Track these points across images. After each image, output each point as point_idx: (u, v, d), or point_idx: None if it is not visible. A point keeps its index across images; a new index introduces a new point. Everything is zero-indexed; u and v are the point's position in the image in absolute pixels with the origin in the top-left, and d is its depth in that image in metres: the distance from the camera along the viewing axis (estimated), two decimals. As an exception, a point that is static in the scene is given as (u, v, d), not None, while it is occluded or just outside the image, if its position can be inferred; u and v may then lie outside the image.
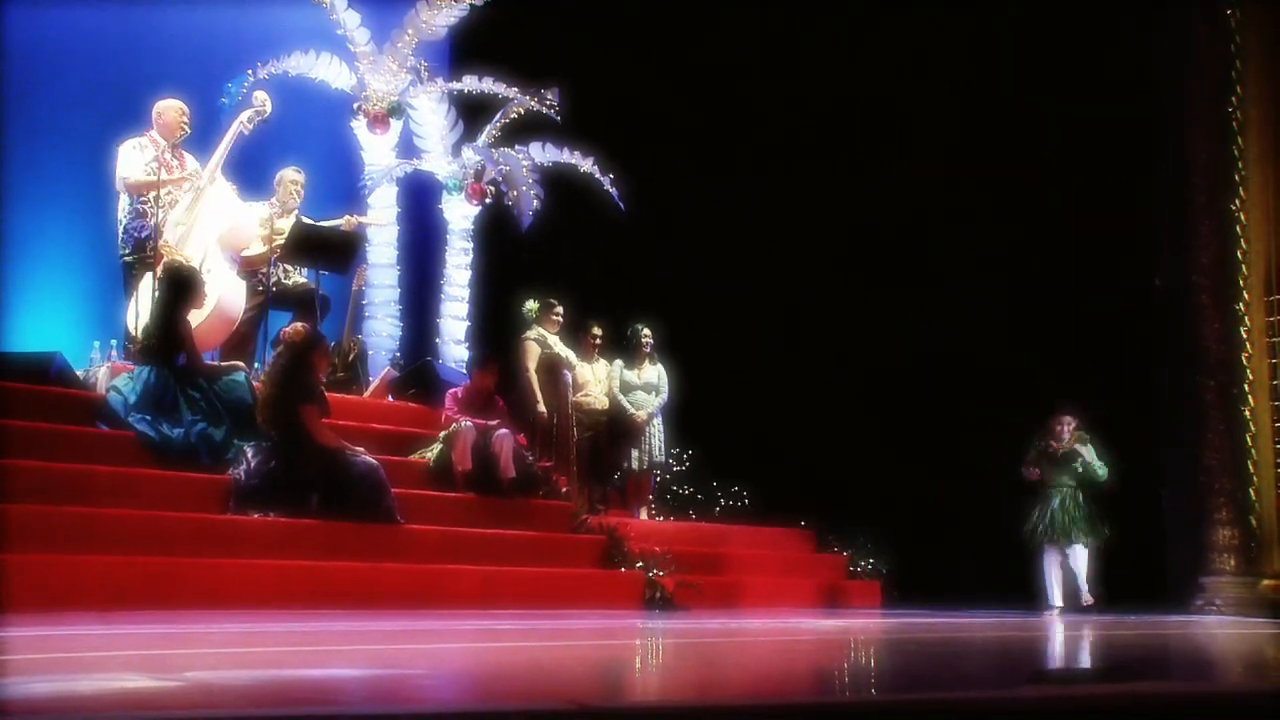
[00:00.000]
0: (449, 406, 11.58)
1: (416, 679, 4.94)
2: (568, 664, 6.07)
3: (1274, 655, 7.90)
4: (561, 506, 11.89)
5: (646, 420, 13.90)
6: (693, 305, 15.87)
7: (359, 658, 6.05)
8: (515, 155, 15.67)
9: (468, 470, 11.21)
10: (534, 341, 13.21)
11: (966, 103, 14.95)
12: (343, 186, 14.99)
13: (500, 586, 10.27)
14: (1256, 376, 13.33)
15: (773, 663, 6.59)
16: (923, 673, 5.71)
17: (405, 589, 9.69)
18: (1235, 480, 13.24)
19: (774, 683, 5.33)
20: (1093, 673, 3.52)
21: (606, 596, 11.05)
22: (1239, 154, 13.63)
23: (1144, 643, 8.69)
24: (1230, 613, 12.85)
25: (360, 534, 9.85)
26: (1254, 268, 13.45)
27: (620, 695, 4.47)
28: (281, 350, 10.13)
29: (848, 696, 3.91)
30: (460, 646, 6.96)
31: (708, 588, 12.25)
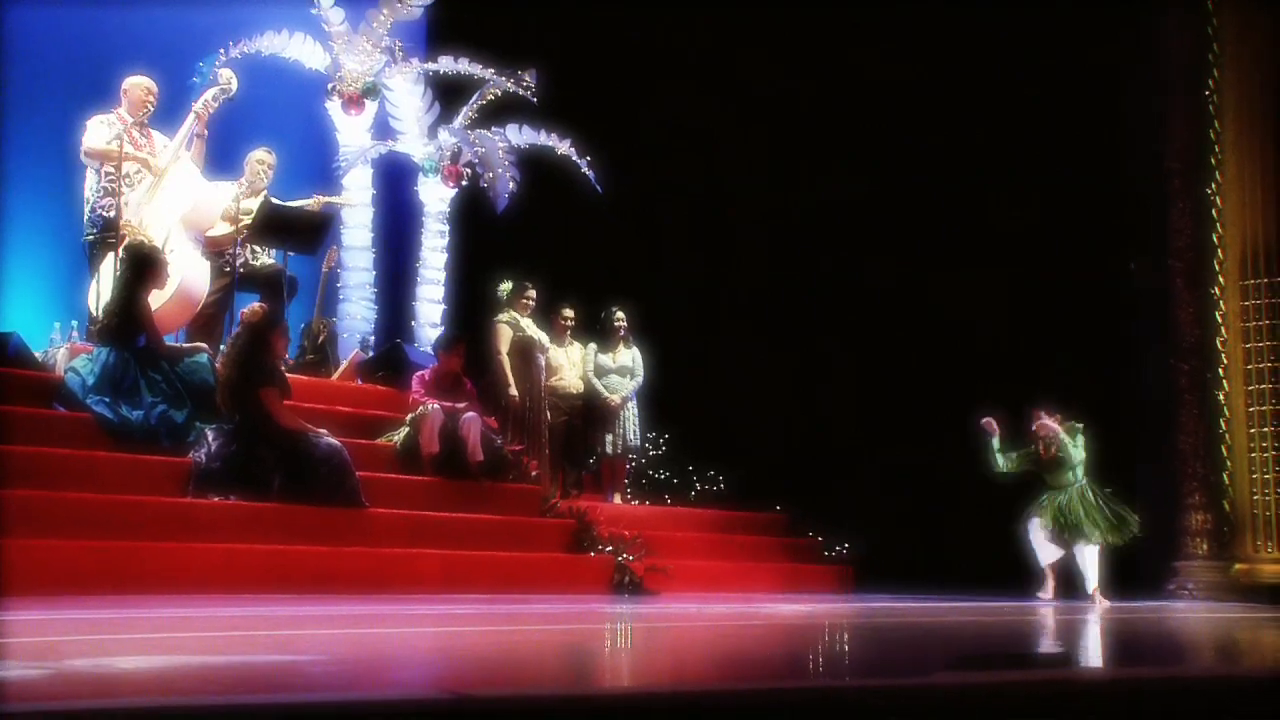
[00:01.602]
0: (416, 389, 11.43)
1: (306, 666, 4.80)
2: (502, 649, 5.94)
3: (1223, 641, 7.80)
4: (530, 490, 11.73)
5: (621, 404, 13.77)
6: (669, 288, 15.77)
7: (271, 644, 5.91)
8: (491, 137, 15.54)
9: (435, 453, 11.07)
10: (506, 324, 13.07)
11: (938, 86, 14.79)
12: (317, 168, 14.82)
13: (465, 571, 10.13)
14: (1231, 361, 13.23)
15: (708, 648, 6.47)
16: (851, 659, 5.62)
17: (368, 573, 9.55)
18: (1208, 465, 13.15)
19: (693, 669, 5.21)
20: (1015, 658, 3.36)
21: (574, 581, 10.92)
22: (1216, 138, 13.52)
23: (1088, 629, 8.61)
24: (1203, 597, 12.77)
25: (323, 518, 9.69)
26: (1230, 252, 13.34)
27: (534, 682, 4.36)
28: (239, 332, 9.95)
29: (743, 685, 3.77)
30: (396, 632, 6.83)
31: (679, 572, 12.11)
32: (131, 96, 11.40)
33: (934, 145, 14.74)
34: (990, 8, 13.87)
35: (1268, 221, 13.20)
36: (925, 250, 14.84)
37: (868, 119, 15.30)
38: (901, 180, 14.96)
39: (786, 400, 15.58)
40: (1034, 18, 13.78)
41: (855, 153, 15.28)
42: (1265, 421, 12.98)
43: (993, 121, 14.40)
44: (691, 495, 14.90)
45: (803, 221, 15.71)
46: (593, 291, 14.30)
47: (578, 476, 13.95)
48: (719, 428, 15.16)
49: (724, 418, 15.36)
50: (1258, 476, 12.96)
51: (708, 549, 13.26)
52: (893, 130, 15.09)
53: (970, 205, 14.52)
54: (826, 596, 12.41)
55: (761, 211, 15.93)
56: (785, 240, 15.90)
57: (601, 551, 11.25)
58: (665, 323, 15.00)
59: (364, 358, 12.88)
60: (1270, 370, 12.98)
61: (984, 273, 14.34)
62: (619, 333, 13.94)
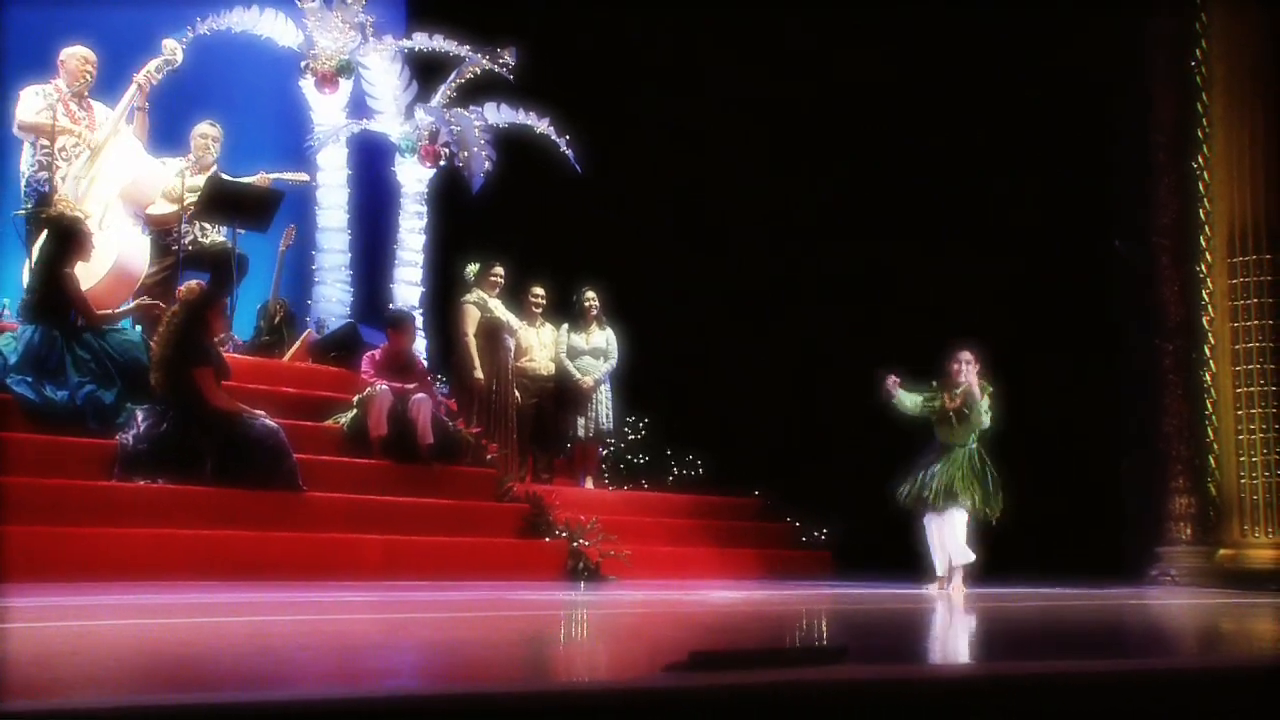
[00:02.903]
0: (365, 369, 11.00)
1: (207, 658, 4.42)
2: (398, 637, 5.55)
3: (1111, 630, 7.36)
4: (485, 474, 11.27)
5: (593, 387, 13.37)
6: (651, 269, 15.38)
7: (181, 633, 5.55)
8: (468, 116, 15.19)
9: (383, 435, 10.65)
10: (473, 305, 12.73)
11: (919, 61, 14.34)
12: (293, 146, 14.49)
13: (407, 557, 9.72)
14: (1219, 341, 12.77)
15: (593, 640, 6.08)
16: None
17: (303, 559, 9.14)
18: (1192, 447, 12.68)
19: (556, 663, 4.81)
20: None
21: (527, 567, 10.51)
22: (1203, 111, 13.05)
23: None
24: (1185, 583, 12.33)
25: (257, 501, 9.26)
26: (1218, 229, 12.87)
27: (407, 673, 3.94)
28: (175, 309, 9.54)
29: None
30: (295, 619, 6.43)
31: (645, 558, 11.76)
32: (69, 67, 10.96)
33: (914, 121, 14.28)
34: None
35: (1257, 197, 12.70)
36: (905, 231, 14.40)
37: (849, 97, 14.84)
38: (882, 159, 14.51)
39: (767, 384, 15.15)
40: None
41: (836, 132, 14.81)
42: (1254, 403, 12.50)
43: (973, 95, 13.93)
44: (669, 480, 14.56)
45: (783, 202, 15.25)
46: (572, 272, 13.90)
47: (549, 461, 13.56)
48: (698, 412, 14.76)
49: (703, 402, 14.95)
50: (1245, 459, 12.48)
51: (680, 535, 12.89)
52: (873, 108, 14.63)
53: (950, 183, 14.05)
54: (793, 582, 11.98)
55: (742, 192, 15.47)
56: (765, 222, 15.44)
57: (557, 537, 10.86)
58: (646, 304, 14.63)
59: (316, 338, 12.49)
60: (1259, 350, 12.52)
61: (964, 253, 13.88)
62: (592, 313, 13.54)
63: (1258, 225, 12.66)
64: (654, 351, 14.24)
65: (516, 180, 15.23)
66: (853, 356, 14.75)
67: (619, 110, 15.67)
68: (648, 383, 14.26)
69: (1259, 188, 12.73)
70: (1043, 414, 12.55)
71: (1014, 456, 11.37)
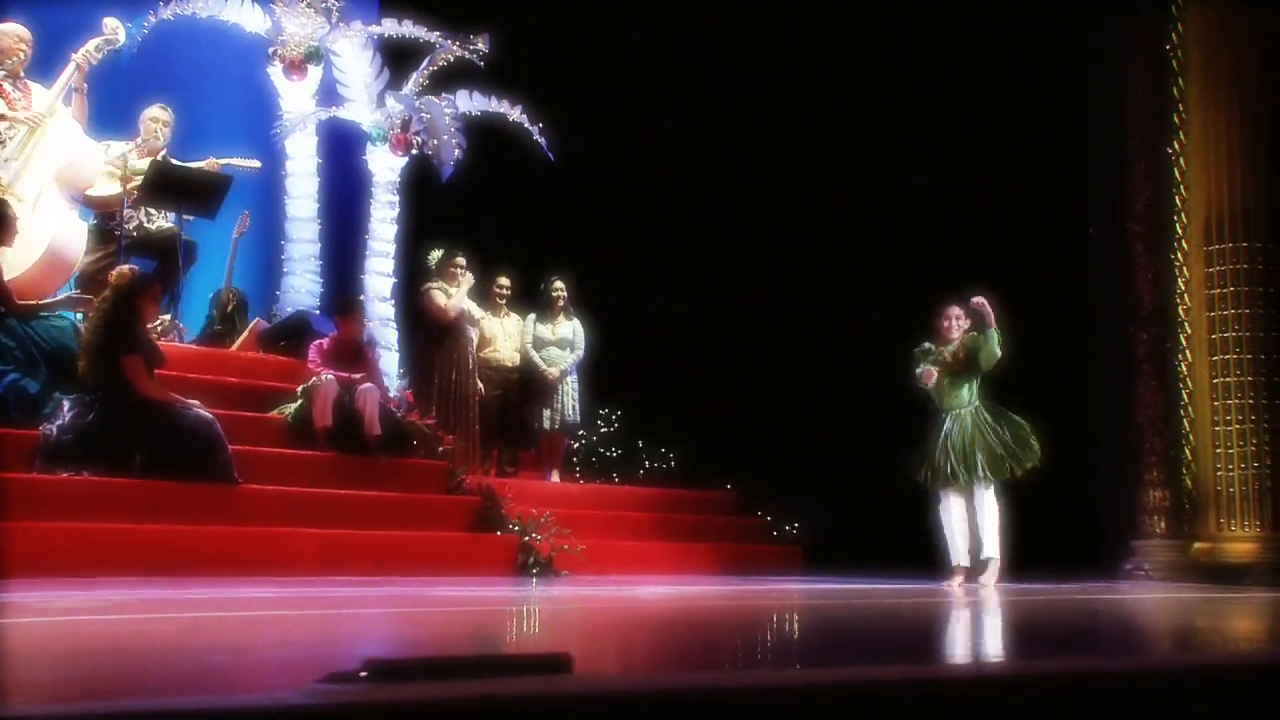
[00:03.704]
0: (313, 358, 10.60)
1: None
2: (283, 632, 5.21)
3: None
4: (436, 466, 10.88)
5: (559, 377, 13.05)
6: (623, 259, 15.04)
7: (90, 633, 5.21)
8: (438, 103, 14.88)
9: (328, 426, 10.25)
10: (436, 290, 12.45)
11: (887, 46, 13.97)
12: (260, 134, 14.21)
13: (347, 551, 9.36)
14: (1195, 330, 12.38)
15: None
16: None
17: (236, 553, 8.77)
18: (1166, 439, 12.29)
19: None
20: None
21: (476, 562, 10.13)
22: (1179, 96, 12.67)
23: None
24: (1159, 577, 11.97)
25: (189, 494, 8.87)
26: (1194, 216, 12.48)
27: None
28: (106, 295, 9.17)
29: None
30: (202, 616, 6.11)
31: (606, 553, 11.45)
32: (2, 45, 10.60)
33: (886, 109, 13.92)
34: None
35: (1234, 184, 12.30)
36: (877, 220, 14.04)
37: (821, 87, 14.48)
38: (855, 147, 14.15)
39: (741, 376, 14.78)
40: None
41: (809, 122, 14.45)
42: (1230, 393, 12.12)
43: (946, 80, 13.56)
44: (640, 473, 14.24)
45: (757, 191, 14.88)
46: (545, 262, 13.59)
47: (513, 453, 13.24)
48: (671, 404, 14.40)
49: (676, 394, 14.59)
50: (1222, 450, 12.10)
51: (644, 529, 12.54)
52: (845, 96, 14.26)
53: (921, 171, 13.71)
54: (755, 578, 11.60)
55: (716, 182, 15.10)
56: (740, 212, 15.08)
57: (509, 531, 10.52)
58: (620, 295, 14.33)
59: (266, 327, 12.14)
60: (1235, 339, 12.15)
61: (936, 242, 13.51)
62: (559, 304, 13.22)
63: (1235, 213, 12.27)
64: (627, 343, 13.93)
65: (491, 169, 14.93)
66: (829, 348, 14.45)
67: (592, 99, 15.32)
68: (620, 375, 13.93)
69: (1236, 175, 12.33)
70: (1013, 404, 12.15)
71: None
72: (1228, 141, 12.39)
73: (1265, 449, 11.97)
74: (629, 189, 15.33)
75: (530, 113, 14.73)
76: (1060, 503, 12.55)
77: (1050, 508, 12.56)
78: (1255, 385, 12.06)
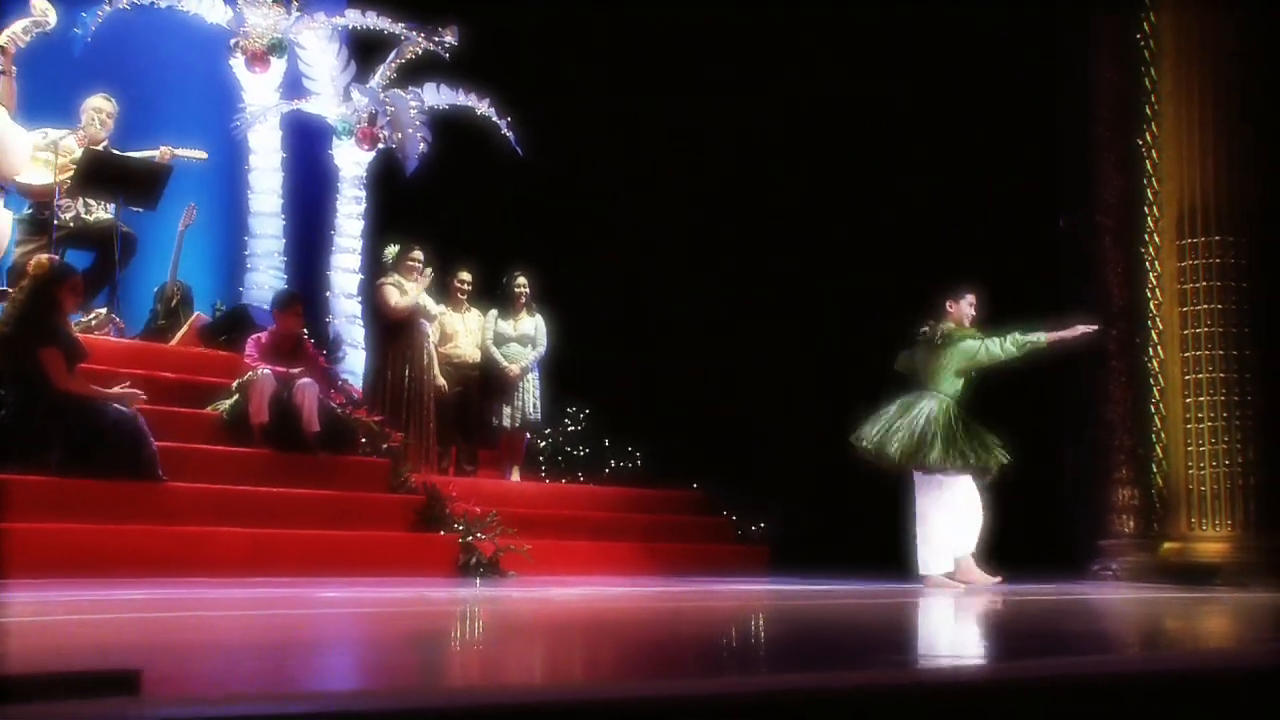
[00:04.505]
0: (249, 353, 10.14)
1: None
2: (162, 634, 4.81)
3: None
4: (378, 464, 10.43)
5: (520, 374, 12.67)
6: (592, 255, 14.67)
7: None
8: (404, 96, 14.53)
9: (264, 423, 9.82)
10: (392, 286, 12.09)
11: (863, 26, 13.55)
12: (224, 128, 13.86)
13: (277, 551, 8.93)
14: (1167, 326, 11.95)
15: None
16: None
17: (158, 554, 8.33)
18: (1136, 436, 11.85)
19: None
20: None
21: (417, 562, 9.71)
22: (1151, 86, 12.25)
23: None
24: (1128, 578, 11.55)
25: (110, 492, 8.44)
26: (1167, 209, 12.04)
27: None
28: (23, 285, 8.78)
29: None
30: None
31: (561, 553, 11.09)
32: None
33: (853, 96, 13.52)
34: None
35: (1208, 177, 11.88)
36: (845, 215, 13.65)
37: (789, 77, 14.11)
38: (816, 144, 13.77)
39: (709, 375, 14.37)
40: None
41: (776, 115, 14.08)
42: (1203, 390, 11.69)
43: (913, 65, 13.17)
44: (606, 472, 13.86)
45: (726, 189, 14.50)
46: (511, 257, 13.20)
47: (473, 451, 12.85)
48: (638, 403, 14.02)
49: (644, 393, 14.20)
50: (1194, 449, 11.67)
51: (604, 529, 12.16)
52: (810, 85, 13.89)
53: (887, 164, 13.31)
54: (714, 579, 11.17)
55: (686, 177, 14.70)
56: (708, 209, 14.67)
57: (453, 530, 10.13)
58: (586, 291, 13.97)
59: (206, 321, 11.75)
60: (1208, 335, 11.73)
61: (902, 234, 13.13)
62: (521, 299, 12.84)
63: (1208, 206, 11.82)
64: (593, 341, 13.55)
65: (459, 163, 14.58)
66: (799, 347, 14.07)
67: (559, 93, 14.97)
68: (587, 373, 13.56)
69: (1210, 167, 11.89)
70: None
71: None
72: (1201, 133, 11.95)
73: (1238, 447, 11.55)
74: (597, 184, 14.96)
75: (498, 106, 14.42)
76: (1027, 503, 12.13)
77: (1016, 508, 12.15)
78: (1228, 382, 11.63)
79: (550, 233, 14.76)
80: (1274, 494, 11.48)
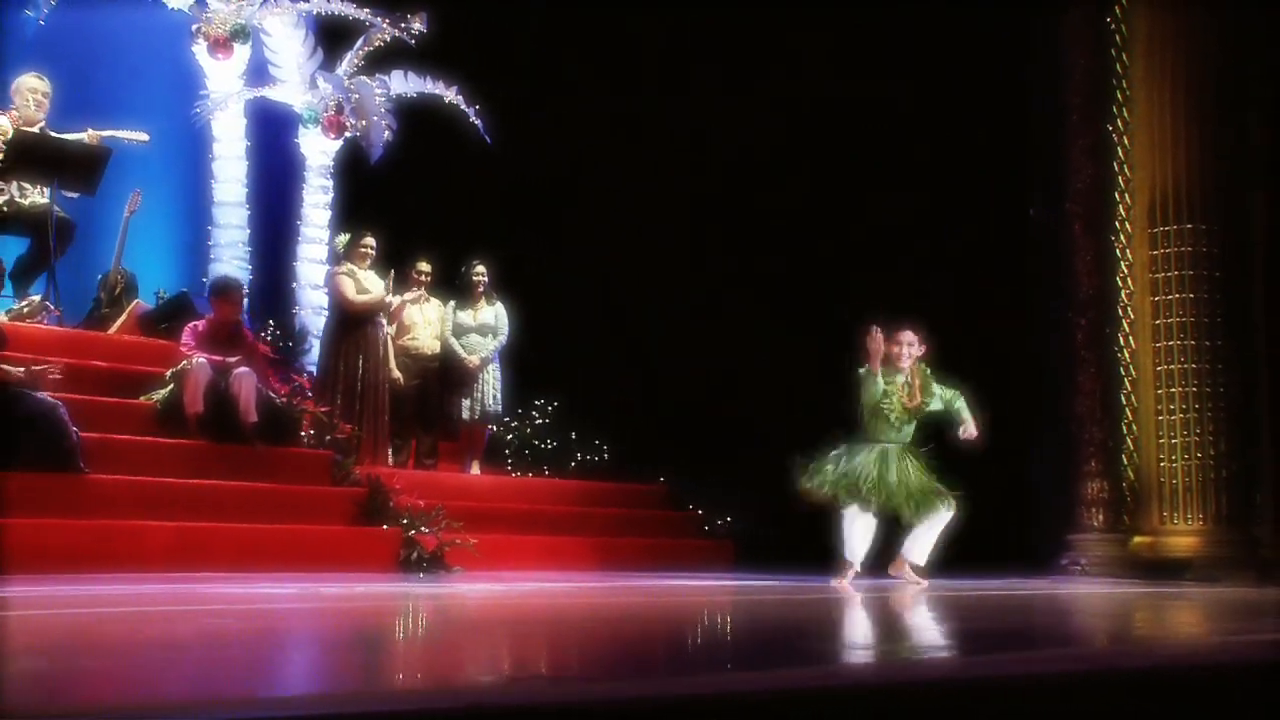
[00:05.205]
0: (185, 341, 9.67)
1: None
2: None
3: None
4: (320, 456, 9.96)
5: (480, 365, 12.26)
6: (562, 247, 14.28)
7: None
8: (369, 84, 14.17)
9: (199, 413, 9.40)
10: (344, 275, 11.70)
11: (833, 11, 13.16)
12: (185, 115, 13.52)
13: (205, 545, 8.50)
14: (1139, 316, 11.56)
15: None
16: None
17: (78, 548, 7.93)
18: (1105, 429, 11.45)
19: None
20: None
21: (355, 557, 9.26)
22: (1123, 72, 11.84)
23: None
24: (1097, 573, 11.16)
25: (27, 484, 7.99)
26: (1138, 197, 11.65)
27: None
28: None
29: None
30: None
31: (513, 548, 10.68)
32: None
33: (822, 83, 13.14)
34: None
35: (1179, 164, 11.50)
36: (811, 213, 13.25)
37: (758, 66, 13.74)
38: (781, 139, 13.37)
39: (678, 369, 13.96)
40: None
41: (745, 104, 13.66)
42: (1175, 381, 11.32)
43: (883, 49, 12.77)
44: (572, 466, 13.47)
45: (697, 177, 14.08)
46: (476, 247, 12.80)
47: (432, 444, 12.45)
48: (606, 396, 13.62)
49: (612, 386, 13.79)
50: (1165, 441, 11.29)
51: (564, 523, 11.72)
52: (777, 76, 13.51)
53: (855, 155, 12.91)
54: (674, 573, 10.76)
55: (658, 165, 14.27)
56: (679, 200, 14.25)
57: (396, 524, 9.73)
58: (555, 282, 13.60)
59: (146, 309, 11.35)
60: (1179, 325, 11.34)
61: (871, 224, 12.73)
62: (479, 288, 12.41)
63: (1180, 193, 11.45)
64: (562, 333, 13.19)
65: (426, 151, 14.24)
66: (769, 341, 13.66)
67: (528, 81, 14.60)
68: (555, 365, 13.17)
69: (1182, 154, 11.52)
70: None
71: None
72: (1174, 119, 11.58)
73: (1210, 439, 11.18)
74: (570, 175, 14.58)
75: (467, 94, 14.09)
76: (994, 496, 11.74)
77: (983, 501, 11.76)
78: (1200, 372, 11.26)
79: (520, 223, 14.40)
80: (1247, 487, 11.12)
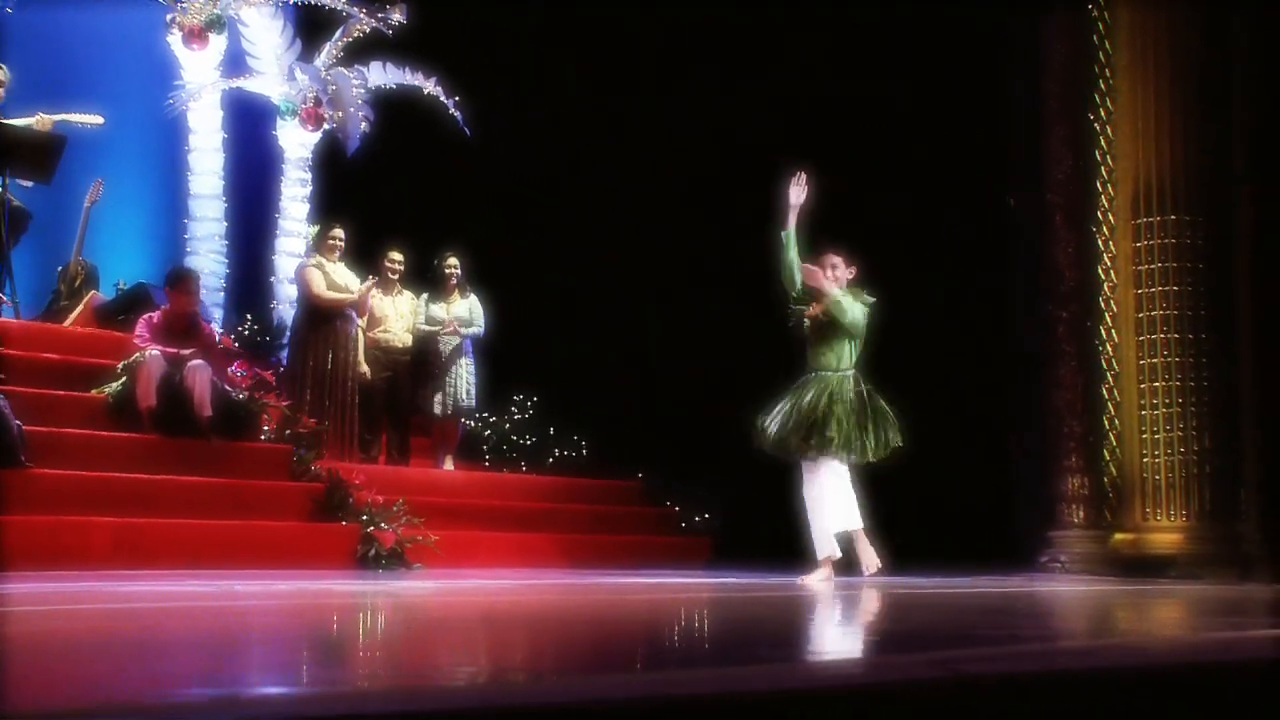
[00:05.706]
0: (139, 333, 9.37)
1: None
2: None
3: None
4: (277, 450, 9.69)
5: (450, 355, 12.01)
6: (542, 240, 14.00)
7: None
8: (347, 75, 13.94)
9: (152, 407, 9.12)
10: (313, 268, 11.45)
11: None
12: (159, 105, 13.29)
13: (152, 542, 8.25)
14: (1122, 309, 11.22)
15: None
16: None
17: (20, 545, 7.73)
18: (1086, 423, 11.13)
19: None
20: None
21: (312, 553, 8.98)
22: (1106, 60, 11.53)
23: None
24: (1077, 570, 10.84)
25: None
26: (1121, 188, 11.30)
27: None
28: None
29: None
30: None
31: (479, 545, 10.44)
32: None
33: (798, 71, 12.85)
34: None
35: (1164, 154, 11.15)
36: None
37: (732, 58, 13.47)
38: (754, 125, 13.07)
39: (657, 364, 13.68)
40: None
41: (722, 93, 13.39)
42: (1158, 375, 10.98)
43: (861, 37, 12.47)
44: (549, 462, 13.19)
45: (673, 173, 13.80)
46: (460, 241, 12.52)
47: (403, 439, 12.17)
48: (585, 391, 13.33)
49: (589, 380, 13.50)
50: (1149, 436, 10.95)
51: (536, 520, 11.49)
52: (753, 67, 13.23)
53: (829, 141, 12.59)
54: (647, 570, 10.48)
55: (638, 158, 13.97)
56: (656, 196, 13.95)
57: (356, 520, 9.45)
58: (533, 276, 13.34)
59: (103, 300, 11.08)
60: (1163, 318, 11.00)
61: (848, 215, 12.39)
62: (451, 281, 12.14)
63: (1165, 184, 11.06)
64: (540, 327, 12.93)
65: (407, 143, 13.99)
66: (750, 336, 13.35)
67: (509, 73, 14.34)
68: (533, 361, 12.91)
69: (1167, 144, 11.12)
70: (925, 388, 11.03)
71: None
72: (1158, 109, 11.21)
73: (1193, 434, 10.81)
74: (551, 168, 14.30)
75: (446, 86, 13.85)
76: (972, 492, 11.50)
77: (961, 497, 11.52)
78: (1184, 366, 10.90)
79: (499, 216, 14.15)
80: (1230, 483, 10.78)
